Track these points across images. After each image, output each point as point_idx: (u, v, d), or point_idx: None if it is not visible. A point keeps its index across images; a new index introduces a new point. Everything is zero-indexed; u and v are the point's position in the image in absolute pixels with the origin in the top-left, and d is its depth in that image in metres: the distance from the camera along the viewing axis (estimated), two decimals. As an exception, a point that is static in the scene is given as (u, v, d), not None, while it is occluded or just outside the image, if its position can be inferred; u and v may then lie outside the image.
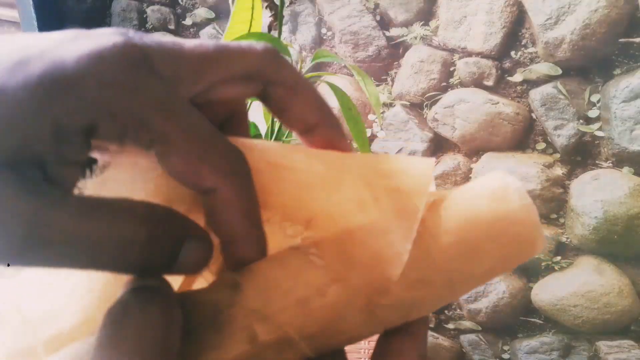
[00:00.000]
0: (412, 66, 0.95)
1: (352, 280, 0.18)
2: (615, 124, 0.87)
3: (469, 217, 0.19)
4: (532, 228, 0.19)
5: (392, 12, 0.92)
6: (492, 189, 0.20)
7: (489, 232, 0.19)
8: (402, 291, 0.19)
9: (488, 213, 0.19)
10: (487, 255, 0.19)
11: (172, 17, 1.09)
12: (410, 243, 0.18)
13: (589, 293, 1.00)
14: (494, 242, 0.19)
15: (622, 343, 1.02)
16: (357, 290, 0.18)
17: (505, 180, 0.20)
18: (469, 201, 0.20)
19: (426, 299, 0.19)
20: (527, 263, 1.02)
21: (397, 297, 0.19)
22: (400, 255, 0.18)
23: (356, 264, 0.19)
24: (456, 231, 0.19)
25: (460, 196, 0.20)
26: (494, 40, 0.88)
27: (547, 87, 0.88)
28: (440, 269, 0.19)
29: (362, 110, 1.02)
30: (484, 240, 0.19)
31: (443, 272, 0.19)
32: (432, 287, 0.19)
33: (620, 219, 0.92)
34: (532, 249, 0.20)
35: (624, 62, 0.83)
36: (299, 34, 1.00)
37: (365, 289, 0.18)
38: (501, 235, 0.19)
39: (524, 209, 0.19)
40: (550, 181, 0.94)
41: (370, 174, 0.20)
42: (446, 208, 0.20)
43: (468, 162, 0.99)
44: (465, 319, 1.14)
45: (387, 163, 0.20)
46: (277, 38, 0.46)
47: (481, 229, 0.19)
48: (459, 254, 0.19)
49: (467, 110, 0.94)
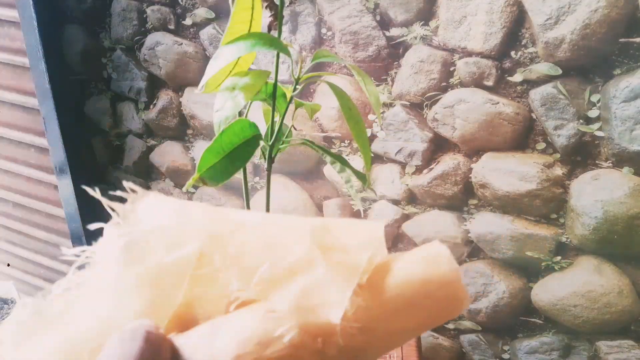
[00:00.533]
0: (412, 66, 0.95)
1: (304, 325, 0.21)
2: (615, 124, 0.87)
3: (406, 278, 0.23)
4: (458, 289, 0.23)
5: (392, 12, 0.92)
6: (427, 255, 0.24)
7: (422, 290, 0.23)
8: (349, 337, 0.22)
9: (422, 275, 0.23)
10: (420, 310, 0.23)
11: (172, 17, 1.09)
12: (350, 293, 0.22)
13: (589, 293, 1.00)
14: (426, 299, 0.23)
15: (622, 343, 1.02)
16: (309, 334, 0.21)
17: (439, 248, 0.24)
18: (407, 264, 0.23)
19: (370, 346, 0.23)
20: (527, 263, 1.02)
21: (345, 342, 0.22)
22: (341, 303, 0.22)
23: (306, 312, 0.22)
24: (395, 288, 0.23)
25: (401, 259, 0.24)
26: (494, 40, 0.88)
27: (547, 87, 0.88)
28: (380, 320, 0.22)
29: (362, 110, 1.02)
30: (418, 297, 0.23)
31: (383, 322, 0.22)
32: (373, 336, 0.22)
33: (620, 219, 0.92)
34: (459, 306, 0.23)
35: (624, 62, 0.83)
36: (299, 34, 1.00)
37: (315, 332, 0.21)
38: (432, 294, 0.23)
39: (452, 273, 0.23)
40: (550, 181, 0.94)
41: (323, 237, 0.24)
42: (389, 269, 0.23)
43: (468, 162, 0.99)
44: (465, 319, 1.14)
45: (339, 227, 0.24)
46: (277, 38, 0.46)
47: (415, 288, 0.23)
48: (396, 308, 0.23)
49: (467, 110, 0.94)
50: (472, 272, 1.08)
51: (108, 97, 1.26)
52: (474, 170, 0.99)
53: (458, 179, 1.01)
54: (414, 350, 0.76)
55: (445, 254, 0.23)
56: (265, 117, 0.57)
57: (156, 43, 1.13)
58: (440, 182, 1.02)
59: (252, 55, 0.51)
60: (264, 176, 1.17)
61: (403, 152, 1.02)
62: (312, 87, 1.04)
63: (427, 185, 1.03)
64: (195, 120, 1.18)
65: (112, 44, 1.18)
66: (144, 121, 1.24)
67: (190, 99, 1.16)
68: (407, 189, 1.05)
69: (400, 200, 1.07)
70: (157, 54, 1.14)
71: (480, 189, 1.00)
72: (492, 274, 1.06)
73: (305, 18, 0.98)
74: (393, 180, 1.06)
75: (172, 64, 1.14)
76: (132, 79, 1.20)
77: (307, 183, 1.13)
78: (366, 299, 0.22)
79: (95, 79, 1.25)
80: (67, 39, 1.23)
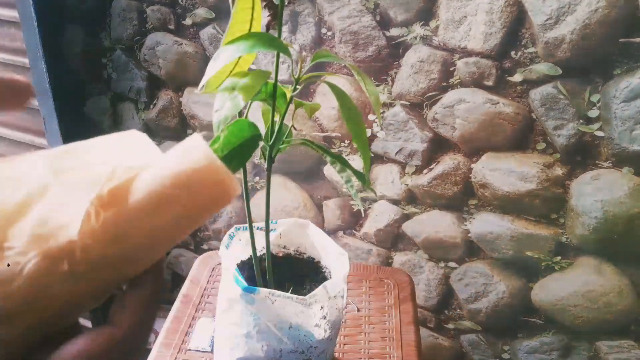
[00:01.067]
0: (412, 66, 0.95)
1: (46, 252, 0.21)
2: (615, 124, 0.87)
3: (157, 173, 0.22)
4: (218, 173, 0.22)
5: (392, 12, 0.92)
6: (182, 149, 0.23)
7: (175, 182, 0.22)
8: (103, 249, 0.21)
9: (174, 167, 0.22)
10: (177, 202, 0.22)
11: (172, 17, 1.09)
12: (87, 206, 0.22)
13: (589, 293, 1.00)
14: (182, 190, 0.22)
15: (622, 343, 1.02)
16: (52, 259, 0.21)
17: (194, 141, 0.23)
18: (161, 162, 0.23)
19: (133, 252, 0.22)
20: (527, 263, 1.02)
21: (99, 255, 0.21)
22: (76, 219, 0.21)
23: (46, 238, 0.21)
24: (147, 187, 0.22)
25: (158, 160, 0.23)
26: (494, 40, 0.88)
27: (547, 87, 0.88)
28: (133, 222, 0.22)
29: (362, 110, 1.02)
30: (172, 189, 0.22)
31: (139, 225, 0.22)
32: (133, 240, 0.22)
33: (620, 219, 0.92)
34: (225, 193, 0.23)
35: (624, 62, 0.83)
36: (299, 33, 1.00)
37: (58, 255, 0.21)
38: (188, 183, 0.22)
39: (207, 158, 0.22)
40: (550, 181, 0.94)
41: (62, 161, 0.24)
42: (144, 172, 0.23)
43: (468, 162, 0.99)
44: (465, 319, 1.14)
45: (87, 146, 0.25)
46: (277, 38, 0.46)
47: (168, 181, 0.22)
48: (150, 206, 0.22)
49: (467, 110, 0.94)
50: (472, 272, 1.08)
51: (108, 97, 1.26)
52: (474, 170, 0.99)
53: (458, 179, 1.01)
54: (414, 350, 0.76)
55: (200, 144, 0.23)
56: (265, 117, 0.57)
57: (156, 43, 1.13)
58: (440, 182, 1.02)
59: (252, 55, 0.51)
60: (264, 176, 1.17)
61: (403, 152, 1.02)
62: (311, 87, 1.04)
63: (427, 185, 1.03)
64: (195, 120, 1.18)
65: (112, 44, 1.18)
66: (144, 121, 1.24)
67: (190, 99, 1.16)
68: (407, 189, 1.05)
69: (400, 200, 1.07)
70: (157, 54, 1.14)
71: (480, 189, 1.00)
72: (492, 274, 1.06)
73: (305, 18, 0.98)
74: (393, 180, 1.06)
75: (172, 64, 1.14)
76: (132, 79, 1.20)
77: (307, 183, 1.13)
78: (114, 206, 0.22)
79: (95, 79, 1.25)
80: (67, 39, 1.23)
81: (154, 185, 0.22)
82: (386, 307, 0.84)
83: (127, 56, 1.18)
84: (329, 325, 0.62)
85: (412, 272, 1.12)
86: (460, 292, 1.11)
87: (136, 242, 0.22)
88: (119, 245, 0.22)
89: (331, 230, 1.15)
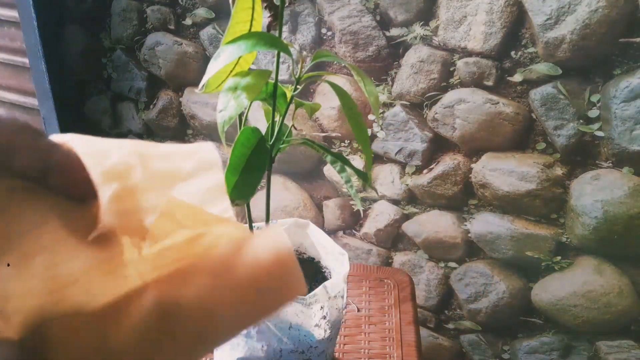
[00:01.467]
0: (412, 66, 0.95)
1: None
2: (615, 124, 0.87)
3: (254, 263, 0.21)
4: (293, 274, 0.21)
5: (392, 12, 0.92)
6: (263, 239, 0.22)
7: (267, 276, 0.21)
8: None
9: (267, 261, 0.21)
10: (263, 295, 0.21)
11: (172, 17, 1.09)
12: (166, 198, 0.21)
13: (589, 293, 1.00)
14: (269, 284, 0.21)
15: (622, 343, 1.02)
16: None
17: (280, 237, 0.22)
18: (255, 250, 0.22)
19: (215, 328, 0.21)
20: (527, 263, 1.02)
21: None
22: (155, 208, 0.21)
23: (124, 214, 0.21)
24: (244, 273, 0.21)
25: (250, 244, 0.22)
26: (494, 40, 0.88)
27: (547, 87, 0.88)
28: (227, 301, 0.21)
29: (362, 110, 1.02)
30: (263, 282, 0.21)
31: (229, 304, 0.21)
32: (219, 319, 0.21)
33: (620, 219, 0.92)
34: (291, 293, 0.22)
35: (624, 62, 0.83)
36: (299, 33, 1.00)
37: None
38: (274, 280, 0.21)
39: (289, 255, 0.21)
40: (550, 181, 0.94)
41: (147, 148, 0.23)
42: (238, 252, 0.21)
43: (468, 162, 0.99)
44: (465, 319, 1.14)
45: (166, 147, 0.24)
46: (278, 37, 0.46)
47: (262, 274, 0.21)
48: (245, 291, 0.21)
49: (467, 110, 0.94)
50: (472, 272, 1.08)
51: (108, 97, 1.26)
52: (474, 170, 0.99)
53: (458, 179, 1.01)
54: (414, 351, 0.76)
55: (282, 239, 0.22)
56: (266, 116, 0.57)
57: (156, 43, 1.13)
58: (440, 182, 1.02)
59: (252, 55, 0.51)
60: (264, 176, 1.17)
61: (403, 152, 1.02)
62: (311, 87, 1.04)
63: (427, 185, 1.03)
64: (195, 120, 1.18)
65: (112, 44, 1.18)
66: (144, 121, 1.24)
67: (190, 99, 1.16)
68: (407, 189, 1.05)
69: (400, 200, 1.07)
70: (157, 54, 1.14)
71: (480, 189, 1.00)
72: (492, 274, 1.06)
73: (305, 18, 0.98)
74: (393, 180, 1.06)
75: (172, 64, 1.14)
76: (132, 79, 1.20)
77: (307, 183, 1.13)
78: (217, 277, 0.21)
79: (95, 79, 1.25)
80: (67, 39, 1.23)
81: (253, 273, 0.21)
82: (386, 307, 0.84)
83: (127, 56, 1.18)
84: (329, 325, 0.62)
85: (412, 272, 1.12)
86: (460, 292, 1.11)
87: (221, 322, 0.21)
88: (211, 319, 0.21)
89: (331, 230, 1.15)
